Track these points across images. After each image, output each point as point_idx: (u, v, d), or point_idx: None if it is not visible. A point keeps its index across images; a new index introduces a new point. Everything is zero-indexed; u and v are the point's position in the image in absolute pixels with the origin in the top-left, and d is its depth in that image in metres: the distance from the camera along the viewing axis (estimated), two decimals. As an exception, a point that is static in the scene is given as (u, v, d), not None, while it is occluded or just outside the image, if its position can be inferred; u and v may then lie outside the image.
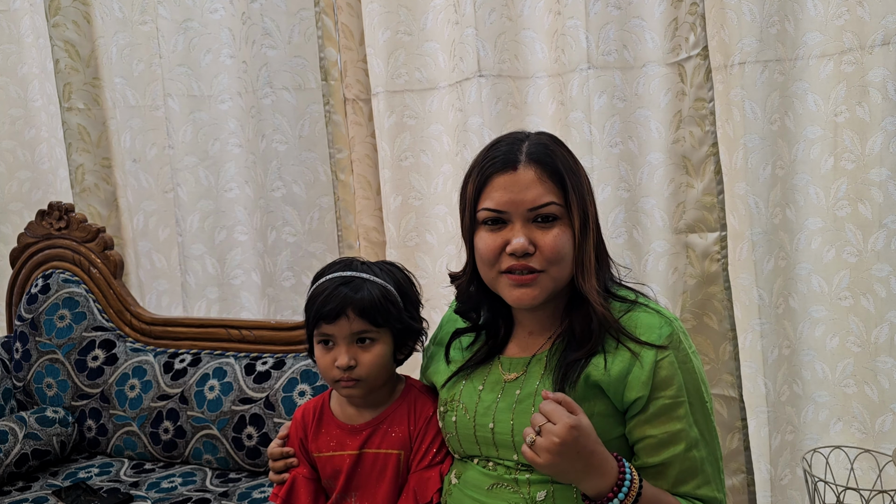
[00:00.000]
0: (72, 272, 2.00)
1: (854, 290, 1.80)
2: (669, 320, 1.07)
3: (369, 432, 1.20)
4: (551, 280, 1.06)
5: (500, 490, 1.08)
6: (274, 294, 2.20)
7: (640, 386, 1.03)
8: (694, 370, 1.07)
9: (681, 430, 1.03)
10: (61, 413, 1.86)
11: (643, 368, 1.03)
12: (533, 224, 1.05)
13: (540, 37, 1.88)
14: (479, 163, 1.09)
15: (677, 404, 1.03)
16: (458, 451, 1.16)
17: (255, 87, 2.12)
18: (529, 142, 1.08)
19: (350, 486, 1.20)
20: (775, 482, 1.91)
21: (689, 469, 1.04)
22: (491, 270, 1.08)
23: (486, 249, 1.07)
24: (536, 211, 1.05)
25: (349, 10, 2.01)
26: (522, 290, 1.05)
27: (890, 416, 1.80)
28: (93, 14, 2.24)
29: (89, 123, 2.29)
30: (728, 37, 1.78)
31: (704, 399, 1.07)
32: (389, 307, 1.15)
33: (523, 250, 1.03)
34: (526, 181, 1.05)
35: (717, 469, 1.07)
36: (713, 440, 1.07)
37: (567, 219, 1.06)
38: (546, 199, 1.04)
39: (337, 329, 1.15)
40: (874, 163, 1.73)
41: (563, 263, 1.06)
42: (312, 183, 2.14)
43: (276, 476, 1.25)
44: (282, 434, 1.27)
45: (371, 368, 1.16)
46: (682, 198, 1.79)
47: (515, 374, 1.11)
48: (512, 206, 1.05)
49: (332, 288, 1.15)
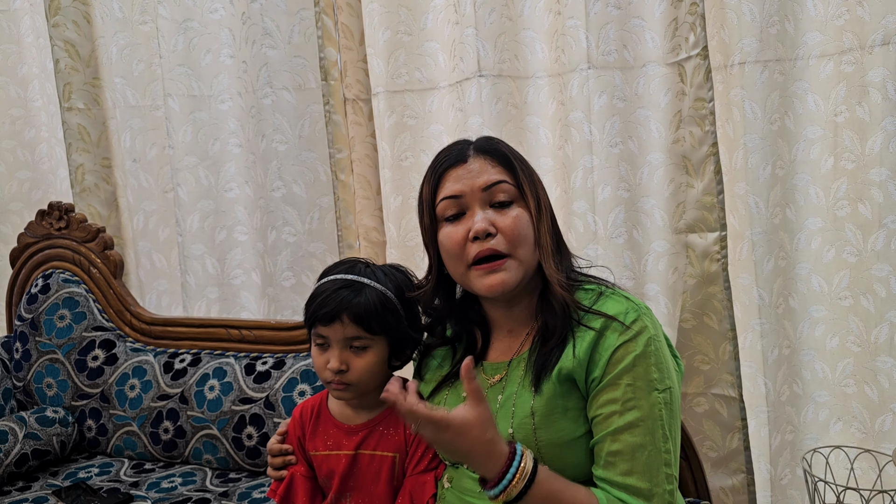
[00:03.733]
0: (72, 272, 2.00)
1: (854, 290, 1.80)
2: (637, 306, 1.07)
3: (365, 433, 1.20)
4: (518, 263, 1.07)
5: None
6: (274, 294, 2.20)
7: (600, 366, 1.03)
8: (650, 356, 1.03)
9: (614, 412, 1.02)
10: (61, 413, 1.86)
11: (605, 349, 1.03)
12: (491, 209, 1.08)
13: (540, 37, 1.88)
14: (431, 167, 1.14)
15: (616, 386, 1.02)
16: (447, 457, 1.17)
17: (255, 87, 2.12)
18: (476, 141, 1.14)
19: (345, 486, 1.20)
20: (775, 482, 1.91)
21: (615, 452, 1.02)
22: (460, 265, 1.09)
23: (451, 242, 1.09)
24: (490, 191, 1.08)
25: (349, 10, 2.01)
26: (493, 276, 1.06)
27: (890, 416, 1.80)
28: (93, 14, 2.24)
29: (89, 123, 2.29)
30: (728, 37, 1.78)
31: (655, 386, 1.03)
32: (387, 315, 1.15)
33: (485, 231, 1.05)
34: (477, 168, 1.09)
35: (656, 460, 1.01)
36: (658, 430, 1.02)
37: (522, 202, 1.09)
38: (497, 177, 1.09)
39: (331, 332, 1.14)
40: (874, 163, 1.73)
41: (526, 244, 1.08)
42: (312, 183, 2.14)
43: (275, 472, 1.25)
44: (280, 430, 1.28)
45: (362, 375, 1.15)
46: (682, 198, 1.79)
47: (498, 376, 1.12)
48: (467, 190, 1.08)
49: (332, 290, 1.15)
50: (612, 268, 1.62)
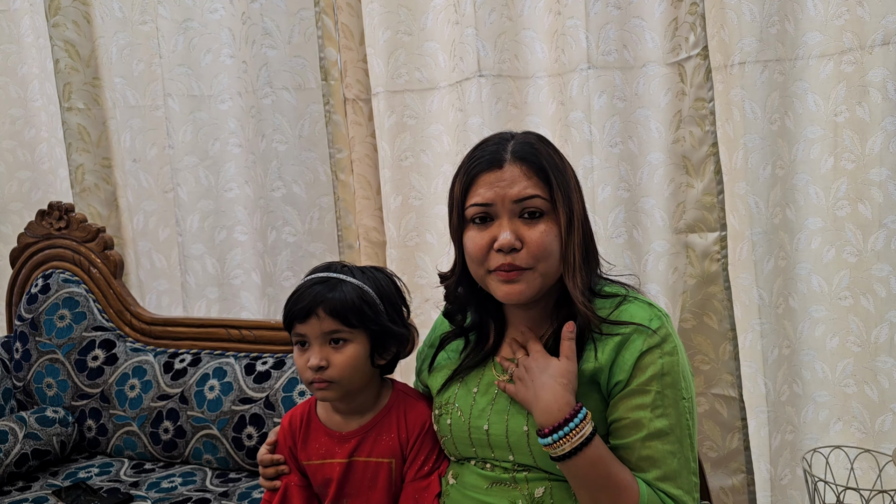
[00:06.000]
0: (72, 272, 2.00)
1: (854, 290, 1.80)
2: (660, 314, 1.08)
3: (358, 440, 1.18)
4: (539, 276, 1.07)
5: (499, 488, 1.09)
6: (274, 294, 2.20)
7: (625, 370, 1.04)
8: (676, 365, 1.05)
9: (643, 418, 1.03)
10: (61, 413, 1.86)
11: (631, 353, 1.04)
12: (519, 220, 1.06)
13: (540, 37, 1.88)
14: (465, 163, 1.11)
15: (645, 392, 1.03)
16: (453, 453, 1.16)
17: (255, 87, 2.12)
18: (515, 141, 1.10)
19: (342, 493, 1.18)
20: (775, 482, 1.91)
21: (647, 458, 1.03)
22: (480, 268, 1.09)
23: (475, 247, 1.08)
24: (522, 204, 1.06)
25: (349, 10, 2.01)
26: (510, 286, 1.06)
27: (890, 416, 1.80)
28: (93, 14, 2.24)
29: (89, 123, 2.29)
30: (728, 37, 1.78)
31: (682, 395, 1.05)
32: (364, 308, 1.13)
33: (510, 245, 1.04)
34: (511, 177, 1.06)
35: (685, 468, 1.04)
36: (686, 438, 1.05)
37: (553, 215, 1.07)
38: (531, 191, 1.06)
39: (309, 328, 1.13)
40: (874, 163, 1.73)
41: (551, 260, 1.07)
42: (312, 183, 2.14)
43: (268, 483, 1.23)
44: (270, 440, 1.25)
45: (343, 370, 1.13)
46: (682, 198, 1.79)
47: (509, 374, 1.12)
48: (498, 199, 1.06)
49: (306, 287, 1.14)
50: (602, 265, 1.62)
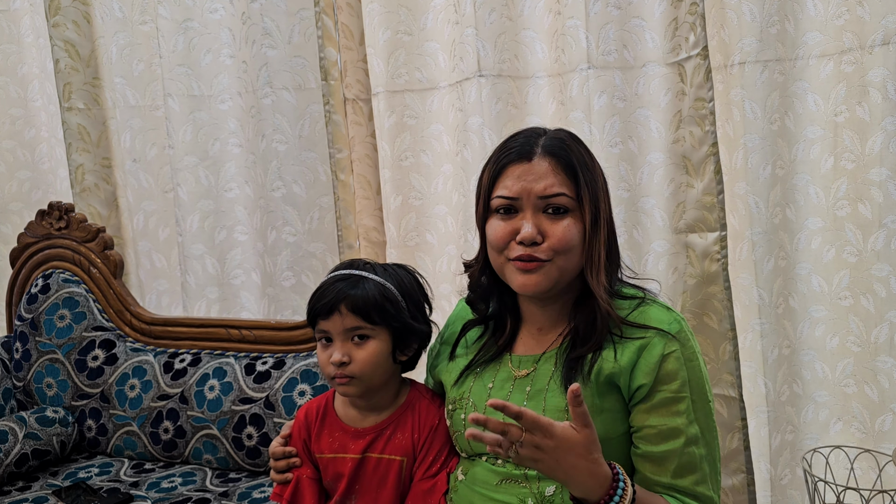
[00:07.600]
0: (72, 272, 2.00)
1: (854, 290, 1.80)
2: (678, 318, 1.09)
3: (373, 437, 1.19)
4: (557, 269, 1.07)
5: (509, 485, 1.09)
6: (274, 294, 2.20)
7: (647, 373, 1.04)
8: (699, 368, 1.08)
9: (680, 425, 1.04)
10: (61, 413, 1.86)
11: (652, 357, 1.05)
12: (543, 214, 1.07)
13: (540, 37, 1.88)
14: (496, 153, 1.13)
15: (679, 399, 1.04)
16: (465, 449, 1.16)
17: (255, 87, 2.12)
18: (547, 136, 1.11)
19: (352, 489, 1.19)
20: (775, 482, 1.91)
21: (687, 464, 1.05)
22: (499, 257, 1.10)
23: (496, 237, 1.09)
24: (547, 200, 1.07)
25: (349, 10, 2.01)
26: (527, 276, 1.07)
27: (890, 416, 1.80)
28: (93, 14, 2.23)
29: (89, 123, 2.29)
30: (728, 37, 1.78)
31: (707, 398, 1.08)
32: (386, 304, 1.15)
33: (531, 239, 1.05)
34: (539, 171, 1.07)
35: (714, 470, 1.08)
36: (713, 440, 1.08)
37: (578, 213, 1.08)
38: (557, 189, 1.07)
39: (332, 325, 1.15)
40: (874, 163, 1.73)
41: (571, 255, 1.07)
42: (312, 183, 2.14)
43: (279, 476, 1.24)
44: (284, 433, 1.26)
45: (365, 366, 1.15)
46: (682, 198, 1.79)
47: (526, 370, 1.12)
48: (524, 193, 1.07)
49: (329, 284, 1.16)
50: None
